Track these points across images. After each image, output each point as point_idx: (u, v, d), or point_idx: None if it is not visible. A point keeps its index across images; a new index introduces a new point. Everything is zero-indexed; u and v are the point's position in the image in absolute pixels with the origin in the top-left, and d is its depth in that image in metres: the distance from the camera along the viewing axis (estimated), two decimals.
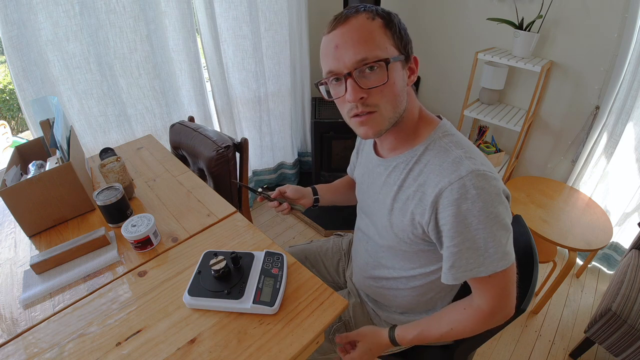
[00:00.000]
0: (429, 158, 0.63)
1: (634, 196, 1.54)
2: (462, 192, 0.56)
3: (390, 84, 0.59)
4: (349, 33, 0.57)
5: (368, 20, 0.58)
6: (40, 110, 1.06)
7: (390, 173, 0.70)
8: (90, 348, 0.65)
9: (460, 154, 0.60)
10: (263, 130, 2.06)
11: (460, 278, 0.61)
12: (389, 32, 0.59)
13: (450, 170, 0.58)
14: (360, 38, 0.57)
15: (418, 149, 0.65)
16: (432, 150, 0.64)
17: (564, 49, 1.58)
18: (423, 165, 0.64)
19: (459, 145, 0.62)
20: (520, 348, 1.43)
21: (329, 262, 1.06)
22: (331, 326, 0.89)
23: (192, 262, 0.82)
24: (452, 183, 0.57)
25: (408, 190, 0.65)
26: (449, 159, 0.60)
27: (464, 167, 0.57)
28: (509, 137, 1.97)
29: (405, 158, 0.67)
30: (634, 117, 1.45)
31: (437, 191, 0.58)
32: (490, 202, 0.56)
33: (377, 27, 0.58)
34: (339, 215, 2.07)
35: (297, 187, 0.92)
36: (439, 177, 0.59)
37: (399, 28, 0.60)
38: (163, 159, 1.24)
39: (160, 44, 1.44)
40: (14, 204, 0.87)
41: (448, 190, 0.57)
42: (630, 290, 1.18)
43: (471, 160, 0.59)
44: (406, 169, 0.66)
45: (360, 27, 0.57)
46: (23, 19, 1.10)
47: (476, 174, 0.56)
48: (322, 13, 2.03)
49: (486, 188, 0.56)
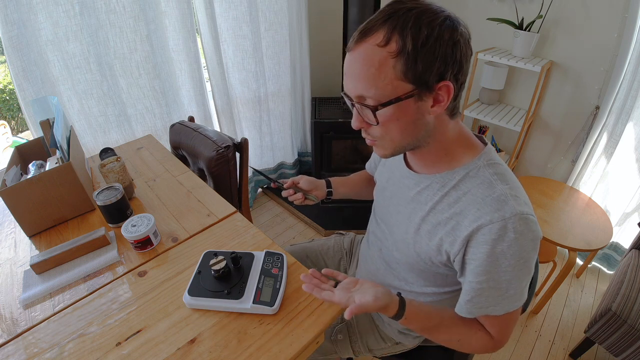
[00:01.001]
0: (469, 187, 0.59)
1: (634, 196, 1.54)
2: (501, 234, 0.53)
3: (384, 124, 0.56)
4: (355, 62, 0.53)
5: (377, 48, 0.51)
6: (40, 110, 1.06)
7: (421, 190, 0.66)
8: (90, 348, 0.65)
9: (505, 190, 0.56)
10: (263, 130, 2.06)
11: (474, 313, 0.60)
12: (400, 61, 0.50)
13: (494, 208, 0.55)
14: (360, 72, 0.53)
15: (457, 172, 0.61)
16: (475, 179, 0.59)
17: (564, 49, 1.58)
18: (462, 193, 0.60)
19: (504, 179, 0.58)
20: (520, 348, 1.43)
21: (331, 260, 1.06)
22: (332, 326, 0.89)
23: (192, 262, 0.82)
24: (493, 222, 0.54)
25: (441, 216, 0.61)
26: (494, 195, 0.56)
27: (508, 207, 0.54)
28: (509, 137, 1.97)
29: (442, 179, 0.62)
30: (634, 117, 1.45)
31: (475, 227, 0.55)
32: (525, 248, 0.54)
33: (385, 57, 0.50)
34: (339, 215, 2.07)
35: (311, 179, 0.90)
36: (480, 212, 0.56)
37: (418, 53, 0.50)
38: (163, 159, 1.24)
39: (160, 44, 1.44)
40: (14, 204, 0.87)
41: (487, 228, 0.54)
42: (630, 290, 1.18)
43: (516, 200, 0.55)
44: (441, 192, 0.62)
45: (366, 58, 0.52)
46: (23, 19, 1.10)
47: (519, 217, 0.53)
48: (322, 13, 2.03)
49: (525, 233, 0.54)
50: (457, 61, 0.53)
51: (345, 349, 0.89)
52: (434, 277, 0.70)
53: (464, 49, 0.53)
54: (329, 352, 0.90)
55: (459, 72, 0.54)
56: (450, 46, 0.51)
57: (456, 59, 0.52)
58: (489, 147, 0.63)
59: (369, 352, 0.89)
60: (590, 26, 1.48)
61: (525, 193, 0.59)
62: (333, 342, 0.89)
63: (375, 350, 0.89)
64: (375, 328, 0.88)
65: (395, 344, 0.87)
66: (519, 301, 0.58)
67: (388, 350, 0.88)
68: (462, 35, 0.52)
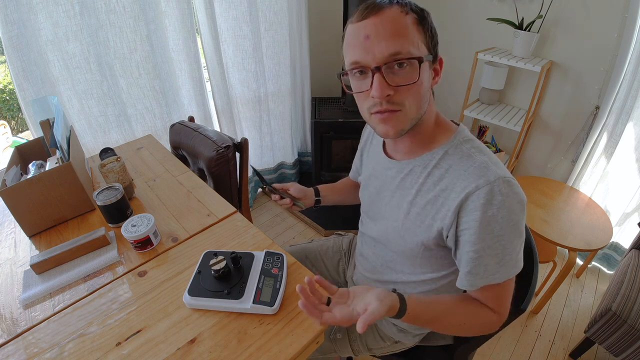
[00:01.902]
0: (450, 163, 0.62)
1: (634, 196, 1.54)
2: (489, 198, 0.55)
3: (419, 83, 0.57)
4: (382, 24, 0.54)
5: (402, 14, 0.55)
6: (40, 110, 1.06)
7: (405, 177, 0.68)
8: (90, 348, 0.65)
9: (485, 159, 0.59)
10: (263, 130, 2.06)
11: (476, 284, 0.61)
12: (422, 29, 0.56)
13: (478, 175, 0.57)
14: (394, 31, 0.54)
15: (436, 152, 0.64)
16: (454, 155, 0.62)
17: (564, 49, 1.58)
18: (444, 170, 0.62)
19: (481, 151, 0.61)
20: (520, 348, 1.43)
21: (329, 261, 1.06)
22: (332, 326, 0.89)
23: (192, 262, 0.82)
24: (479, 188, 0.56)
25: (428, 195, 0.63)
26: (475, 164, 0.59)
27: (491, 172, 0.56)
28: (509, 137, 1.97)
29: (423, 161, 0.65)
30: (634, 117, 1.45)
31: (464, 195, 0.57)
32: (513, 210, 0.56)
33: (411, 23, 0.55)
34: (339, 215, 2.07)
35: (301, 187, 0.92)
36: (466, 182, 0.58)
37: (430, 26, 0.58)
38: (163, 159, 1.24)
39: (160, 44, 1.44)
40: (14, 204, 0.87)
41: (475, 194, 0.56)
42: (630, 290, 1.18)
43: (497, 165, 0.58)
44: (424, 173, 0.64)
45: (395, 20, 0.54)
46: (23, 19, 1.10)
47: (503, 180, 0.56)
48: (322, 13, 2.03)
49: (511, 195, 0.56)
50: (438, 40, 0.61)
51: (344, 348, 0.89)
52: (429, 262, 0.70)
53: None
54: (328, 351, 0.90)
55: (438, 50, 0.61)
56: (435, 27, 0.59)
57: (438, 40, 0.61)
58: (462, 127, 0.67)
59: (368, 351, 0.90)
60: (590, 26, 1.48)
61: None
62: (332, 341, 0.89)
63: (375, 349, 0.89)
64: (374, 327, 0.88)
65: (395, 343, 0.87)
66: (515, 267, 0.59)
67: (387, 349, 0.88)
68: None
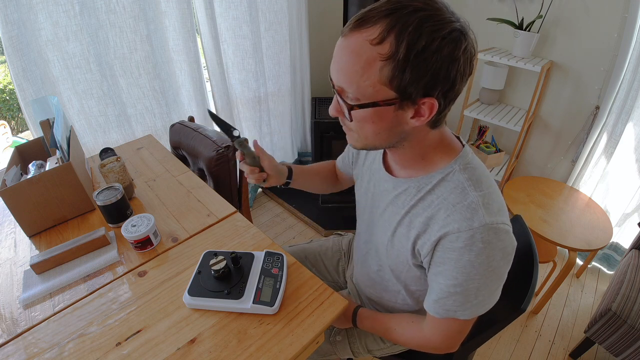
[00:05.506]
0: (443, 192, 0.58)
1: (634, 196, 1.54)
2: (468, 243, 0.53)
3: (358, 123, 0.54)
4: (342, 51, 0.50)
5: (368, 44, 0.47)
6: (40, 110, 1.06)
7: (399, 194, 0.65)
8: (90, 348, 0.65)
9: (477, 199, 0.54)
10: (263, 130, 2.06)
11: (440, 314, 0.61)
12: (388, 66, 0.47)
13: (462, 217, 0.54)
14: (346, 65, 0.50)
15: (433, 177, 0.60)
16: (449, 183, 0.58)
17: (564, 49, 1.58)
18: (435, 197, 0.59)
19: (478, 185, 0.56)
20: (520, 348, 1.43)
21: (329, 261, 1.06)
22: (331, 328, 0.89)
23: (192, 262, 0.82)
24: (460, 231, 0.53)
25: (415, 220, 0.61)
26: (465, 202, 0.54)
27: (477, 217, 0.53)
28: (509, 137, 1.97)
29: (418, 184, 0.62)
30: (634, 117, 1.45)
31: (443, 233, 0.55)
32: (492, 257, 0.54)
33: (374, 58, 0.47)
34: (339, 215, 2.07)
35: (276, 165, 0.83)
36: (449, 219, 0.55)
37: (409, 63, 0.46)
38: (163, 159, 1.24)
39: (160, 44, 1.44)
40: (14, 204, 0.87)
41: (454, 236, 0.54)
42: (630, 290, 1.18)
43: (487, 209, 0.53)
44: (417, 197, 0.61)
45: (354, 52, 0.48)
46: (23, 19, 1.10)
47: (488, 228, 0.52)
48: (322, 13, 2.03)
49: (494, 243, 0.53)
50: (451, 79, 0.48)
51: (344, 350, 0.89)
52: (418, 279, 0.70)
53: (462, 68, 0.49)
54: (328, 353, 0.90)
55: (449, 90, 0.50)
56: (447, 62, 0.47)
57: (450, 76, 0.48)
58: (466, 149, 0.60)
59: (368, 352, 0.89)
60: (590, 26, 1.48)
61: (502, 199, 0.58)
62: (332, 343, 0.89)
63: (374, 350, 0.89)
64: None
65: (394, 344, 0.86)
66: (485, 307, 0.59)
67: (387, 350, 0.88)
68: (465, 52, 0.48)
